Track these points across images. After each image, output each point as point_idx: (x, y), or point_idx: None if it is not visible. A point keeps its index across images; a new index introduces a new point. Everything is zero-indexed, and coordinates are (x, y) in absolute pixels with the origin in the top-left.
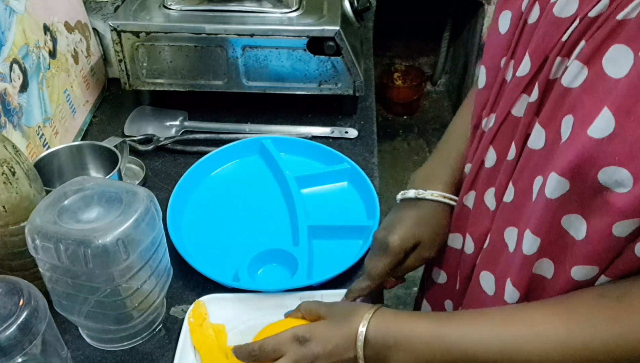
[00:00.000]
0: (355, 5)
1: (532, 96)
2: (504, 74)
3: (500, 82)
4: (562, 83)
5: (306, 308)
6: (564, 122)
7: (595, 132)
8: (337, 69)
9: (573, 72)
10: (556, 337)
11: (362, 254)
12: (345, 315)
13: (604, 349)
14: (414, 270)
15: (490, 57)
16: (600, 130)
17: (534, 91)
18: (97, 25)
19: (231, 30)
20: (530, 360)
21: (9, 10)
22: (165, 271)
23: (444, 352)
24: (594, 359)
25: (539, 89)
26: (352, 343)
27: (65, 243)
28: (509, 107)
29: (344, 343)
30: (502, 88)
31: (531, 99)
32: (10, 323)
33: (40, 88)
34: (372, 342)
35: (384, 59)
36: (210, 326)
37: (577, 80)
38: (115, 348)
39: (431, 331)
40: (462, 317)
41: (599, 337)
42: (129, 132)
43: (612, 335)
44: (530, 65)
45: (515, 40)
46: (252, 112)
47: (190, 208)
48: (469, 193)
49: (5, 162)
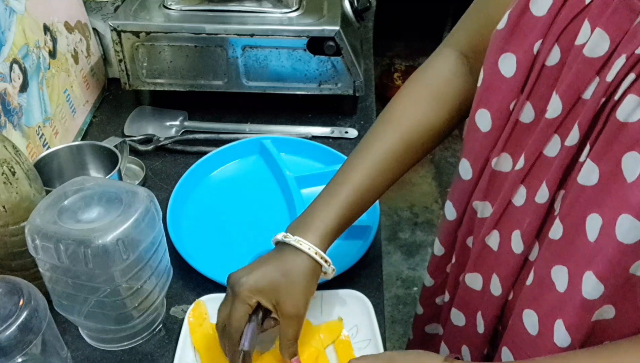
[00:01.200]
0: (355, 5)
1: (570, 137)
2: (518, 115)
3: (513, 123)
4: (618, 118)
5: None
6: (627, 159)
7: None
8: (337, 69)
9: (630, 106)
10: None
11: (362, 254)
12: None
13: None
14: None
15: (498, 102)
16: None
17: (572, 131)
18: (97, 25)
19: (231, 30)
20: None
21: (9, 10)
22: (165, 271)
23: None
24: None
25: (580, 128)
26: None
27: (65, 243)
28: (541, 148)
29: None
30: (515, 129)
31: (570, 141)
32: (10, 323)
33: (40, 88)
34: None
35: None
36: (210, 326)
37: (634, 114)
38: (115, 348)
39: None
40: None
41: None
42: (129, 132)
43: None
44: (562, 106)
45: (532, 82)
46: (252, 112)
47: (190, 208)
48: (492, 232)
49: (5, 162)
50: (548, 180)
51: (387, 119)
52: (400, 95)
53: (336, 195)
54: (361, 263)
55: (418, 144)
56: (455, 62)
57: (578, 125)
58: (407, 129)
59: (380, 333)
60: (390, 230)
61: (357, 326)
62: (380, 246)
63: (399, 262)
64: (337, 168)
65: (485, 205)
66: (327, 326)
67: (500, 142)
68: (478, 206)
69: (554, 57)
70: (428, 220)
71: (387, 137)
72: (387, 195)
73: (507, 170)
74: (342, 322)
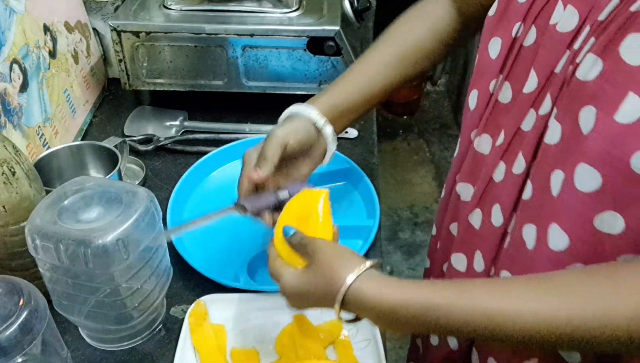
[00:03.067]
0: (355, 5)
1: (543, 106)
2: (497, 95)
3: (493, 103)
4: (577, 77)
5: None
6: (583, 113)
7: (623, 117)
8: (337, 69)
9: (587, 65)
10: (542, 312)
11: (363, 254)
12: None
13: (589, 325)
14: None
15: (484, 82)
16: (629, 115)
17: (545, 101)
18: (97, 25)
19: (231, 30)
20: (514, 335)
21: (9, 10)
22: (165, 271)
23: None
24: (579, 336)
25: (551, 97)
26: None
27: (65, 243)
28: (519, 123)
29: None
30: (494, 109)
31: (542, 110)
32: (10, 323)
33: (40, 88)
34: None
35: None
36: (210, 326)
37: (592, 72)
38: (115, 348)
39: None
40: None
41: (583, 313)
42: (129, 132)
43: (597, 312)
44: (537, 81)
45: (510, 63)
46: (252, 112)
47: (190, 208)
48: (474, 211)
49: (5, 162)
50: (523, 150)
51: (384, 38)
52: (397, 23)
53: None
54: None
55: (412, 58)
56: (446, 3)
57: (550, 95)
58: (401, 44)
59: (380, 333)
60: (390, 230)
61: (357, 326)
62: (381, 246)
63: (399, 262)
64: (337, 168)
65: (467, 187)
66: (327, 326)
67: (482, 122)
68: (461, 190)
69: (531, 38)
70: (428, 220)
71: (382, 50)
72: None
73: (487, 152)
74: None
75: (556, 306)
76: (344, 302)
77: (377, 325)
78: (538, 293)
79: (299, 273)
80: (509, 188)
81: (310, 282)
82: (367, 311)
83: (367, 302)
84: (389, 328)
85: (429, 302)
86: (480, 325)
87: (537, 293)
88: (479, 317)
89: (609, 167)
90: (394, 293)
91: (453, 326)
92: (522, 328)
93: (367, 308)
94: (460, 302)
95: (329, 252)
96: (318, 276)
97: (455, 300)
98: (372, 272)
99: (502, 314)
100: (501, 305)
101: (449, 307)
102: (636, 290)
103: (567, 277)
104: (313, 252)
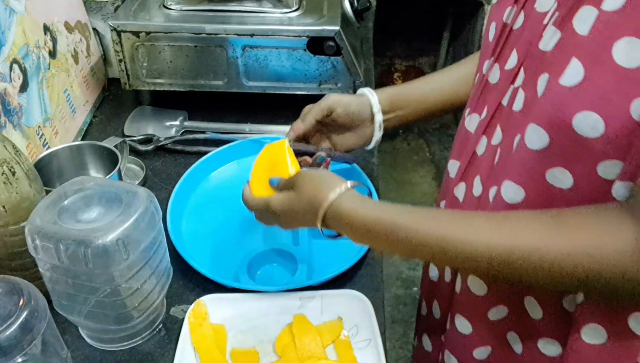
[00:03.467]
0: (355, 5)
1: (517, 80)
2: (487, 76)
3: (484, 84)
4: (539, 47)
5: (285, 183)
6: (540, 81)
7: (566, 80)
8: (337, 69)
9: (548, 36)
10: (487, 237)
11: (362, 254)
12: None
13: (528, 257)
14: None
15: (481, 64)
16: (571, 78)
17: (519, 75)
18: (97, 25)
19: (231, 30)
20: (465, 262)
21: (9, 10)
22: (165, 271)
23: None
24: (519, 266)
25: (524, 69)
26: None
27: (65, 243)
28: (500, 98)
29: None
30: (484, 89)
31: (517, 83)
32: (10, 323)
33: (40, 88)
34: (330, 219)
35: (384, 59)
36: (210, 326)
37: (551, 42)
38: (115, 348)
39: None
40: (418, 213)
41: (524, 244)
42: (129, 132)
43: (538, 244)
44: (517, 57)
45: (501, 45)
46: (252, 112)
47: (190, 208)
48: (459, 184)
49: (5, 162)
50: (501, 122)
51: (467, 59)
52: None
53: (412, 81)
54: (361, 263)
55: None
56: None
57: (523, 68)
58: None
59: (380, 333)
60: None
61: (357, 326)
62: None
63: (399, 262)
64: (337, 168)
65: (455, 164)
66: (327, 326)
67: (472, 101)
68: (450, 167)
69: (519, 22)
70: None
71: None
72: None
73: (473, 130)
74: (342, 322)
75: (504, 238)
76: (326, 217)
77: (353, 239)
78: (492, 227)
79: (286, 195)
80: (488, 160)
81: (298, 200)
82: (343, 226)
83: (345, 218)
84: (362, 242)
85: (396, 222)
86: (437, 249)
87: (492, 226)
88: (437, 241)
89: (555, 127)
90: (368, 211)
91: (415, 246)
92: (474, 255)
93: (344, 224)
94: (424, 226)
95: (312, 177)
96: (304, 195)
97: (420, 223)
98: (352, 192)
99: (458, 241)
100: (458, 233)
101: (413, 229)
102: (575, 229)
103: (520, 215)
104: (298, 180)
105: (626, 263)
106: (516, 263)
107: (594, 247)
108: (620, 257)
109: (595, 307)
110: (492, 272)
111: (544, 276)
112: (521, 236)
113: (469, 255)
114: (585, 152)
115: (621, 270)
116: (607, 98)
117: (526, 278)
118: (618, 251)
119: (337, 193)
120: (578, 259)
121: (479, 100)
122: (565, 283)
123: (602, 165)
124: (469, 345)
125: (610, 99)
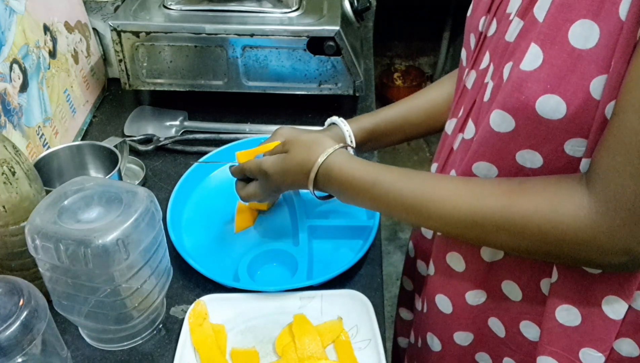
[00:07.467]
0: (355, 5)
1: (488, 74)
2: (465, 82)
3: (461, 90)
4: (505, 39)
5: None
6: (505, 69)
7: (527, 65)
8: (337, 69)
9: (512, 27)
10: (455, 197)
11: (362, 254)
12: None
13: (491, 216)
14: None
15: (461, 73)
16: (531, 63)
17: (489, 69)
18: (97, 25)
19: (231, 30)
20: (438, 221)
21: (9, 10)
22: (165, 271)
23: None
24: (483, 226)
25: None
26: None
27: (65, 243)
28: (475, 96)
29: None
30: (462, 93)
31: (487, 78)
32: (10, 323)
33: (40, 88)
34: (320, 178)
35: (384, 59)
36: (210, 326)
37: (515, 32)
38: (115, 348)
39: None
40: (396, 172)
41: (488, 205)
42: (129, 132)
43: (501, 204)
44: (489, 56)
45: (476, 53)
46: (252, 112)
47: (190, 208)
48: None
49: (5, 162)
50: (473, 118)
51: (430, 87)
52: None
53: (369, 115)
54: (361, 263)
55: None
56: None
57: (492, 62)
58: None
59: (380, 333)
60: (390, 230)
61: (357, 326)
62: (380, 246)
63: (399, 262)
64: None
65: (434, 166)
66: (327, 326)
67: (452, 107)
68: (433, 168)
69: (492, 29)
70: None
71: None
72: None
73: (450, 132)
74: (342, 322)
75: (470, 199)
76: (317, 178)
77: (341, 197)
78: (460, 188)
79: (279, 156)
80: (462, 154)
81: (290, 161)
82: (332, 183)
83: (334, 175)
84: (348, 200)
85: (378, 178)
86: (410, 209)
87: (459, 188)
88: (410, 199)
89: (519, 112)
90: (353, 168)
91: (392, 204)
92: (442, 214)
93: (333, 180)
94: (399, 184)
95: (304, 138)
96: (296, 157)
97: (397, 181)
98: (342, 150)
99: (429, 200)
100: (429, 193)
101: (391, 187)
102: (536, 193)
103: (487, 180)
104: (290, 143)
105: (580, 227)
106: (480, 223)
107: (551, 209)
108: (574, 221)
109: (568, 288)
110: (460, 232)
111: (507, 237)
112: (486, 197)
113: (439, 215)
114: (551, 133)
115: (575, 232)
116: (566, 79)
117: (492, 240)
118: (572, 215)
119: (327, 155)
120: (537, 220)
121: (457, 104)
122: (528, 246)
123: (569, 144)
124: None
125: (569, 80)
